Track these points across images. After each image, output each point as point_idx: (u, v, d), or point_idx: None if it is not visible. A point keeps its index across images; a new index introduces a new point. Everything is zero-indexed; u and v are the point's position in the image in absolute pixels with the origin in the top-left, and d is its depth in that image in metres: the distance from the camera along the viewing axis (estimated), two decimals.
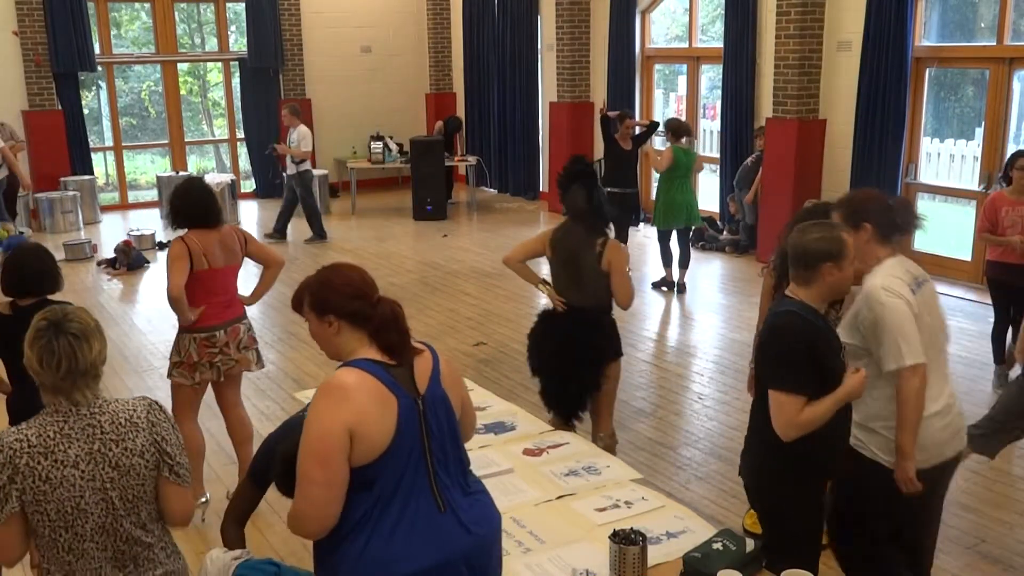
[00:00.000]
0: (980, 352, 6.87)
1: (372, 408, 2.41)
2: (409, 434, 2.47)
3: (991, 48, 8.49)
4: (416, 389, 2.52)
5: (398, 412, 2.45)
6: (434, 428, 2.52)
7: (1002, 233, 6.06)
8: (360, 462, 2.40)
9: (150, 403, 2.58)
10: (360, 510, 2.44)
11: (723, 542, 2.88)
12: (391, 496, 2.45)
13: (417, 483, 2.48)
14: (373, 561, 2.43)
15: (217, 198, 4.84)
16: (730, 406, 6.05)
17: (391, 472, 2.44)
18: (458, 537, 2.53)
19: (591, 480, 3.51)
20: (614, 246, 4.52)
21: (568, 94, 12.72)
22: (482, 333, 7.68)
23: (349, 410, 2.38)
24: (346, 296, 2.53)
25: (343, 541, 2.45)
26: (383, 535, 2.44)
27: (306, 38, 14.39)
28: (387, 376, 2.47)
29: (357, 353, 2.52)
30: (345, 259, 10.46)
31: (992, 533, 4.50)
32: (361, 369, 2.46)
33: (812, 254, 3.00)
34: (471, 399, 2.83)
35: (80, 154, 13.05)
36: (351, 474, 2.41)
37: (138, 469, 2.48)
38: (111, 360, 7.57)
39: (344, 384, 2.42)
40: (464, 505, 2.58)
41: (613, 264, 4.48)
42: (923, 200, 9.39)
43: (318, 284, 2.58)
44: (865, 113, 9.00)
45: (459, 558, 2.52)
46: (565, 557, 2.96)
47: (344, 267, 2.65)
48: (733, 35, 10.32)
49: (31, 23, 12.48)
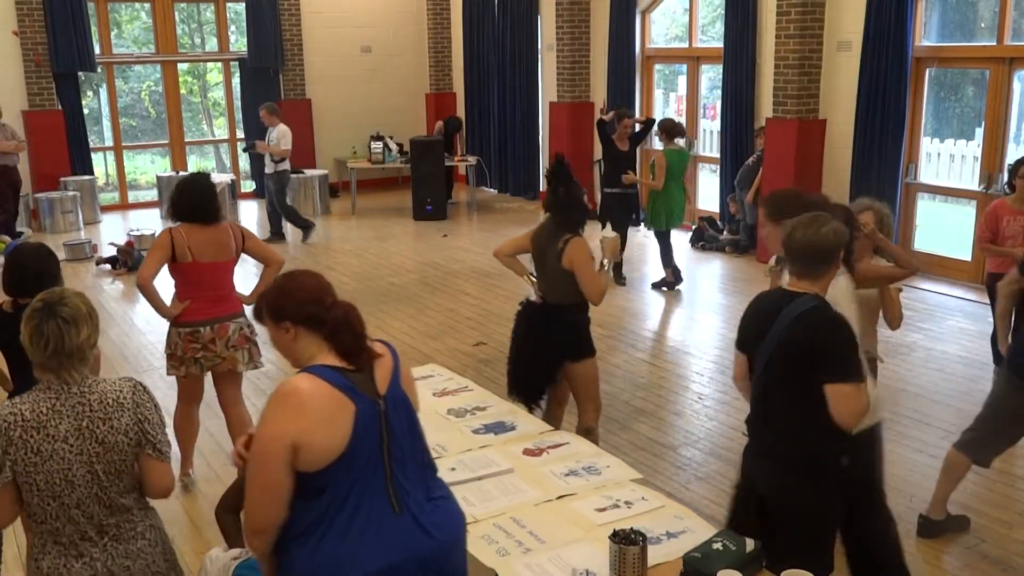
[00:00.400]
0: (980, 352, 6.88)
1: (324, 415, 2.42)
2: (367, 437, 2.47)
3: (991, 48, 8.49)
4: (377, 391, 2.53)
5: (355, 417, 2.45)
6: (395, 429, 2.54)
7: (1002, 243, 5.87)
8: (309, 469, 2.42)
9: (135, 384, 2.72)
10: (312, 514, 2.45)
11: (723, 542, 2.88)
12: (344, 499, 2.45)
13: (373, 485, 2.49)
14: (324, 563, 2.44)
15: (217, 196, 4.84)
16: (730, 406, 6.05)
17: (345, 476, 2.45)
18: (415, 540, 2.52)
19: (591, 480, 3.51)
20: (574, 244, 4.52)
21: (568, 94, 12.72)
22: (482, 333, 7.68)
23: (296, 421, 2.39)
24: (300, 301, 2.55)
25: (295, 544, 2.46)
26: (335, 538, 2.44)
27: (306, 38, 14.39)
28: (344, 381, 2.47)
29: (316, 359, 2.53)
30: (346, 259, 10.48)
31: (992, 533, 4.50)
32: (316, 375, 2.47)
33: (829, 248, 3.07)
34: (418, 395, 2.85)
35: (80, 154, 13.05)
36: (303, 479, 2.42)
37: (121, 446, 2.63)
38: (111, 360, 7.60)
39: (296, 390, 2.44)
40: (426, 508, 2.58)
41: (574, 262, 4.50)
42: (923, 200, 9.40)
43: (274, 292, 2.61)
44: (865, 113, 9.00)
45: (415, 562, 2.51)
46: (565, 557, 2.95)
47: (300, 274, 2.68)
48: (733, 35, 10.32)
49: (31, 23, 12.49)
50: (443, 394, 4.41)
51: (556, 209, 4.64)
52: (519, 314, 4.83)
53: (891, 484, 4.93)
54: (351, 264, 10.28)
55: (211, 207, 4.72)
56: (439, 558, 2.57)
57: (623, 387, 6.47)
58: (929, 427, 5.70)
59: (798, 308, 3.06)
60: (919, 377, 6.53)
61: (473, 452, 3.74)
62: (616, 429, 5.77)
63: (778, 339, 3.07)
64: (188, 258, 4.65)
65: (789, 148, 9.41)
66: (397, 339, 7.58)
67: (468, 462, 3.64)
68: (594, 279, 4.52)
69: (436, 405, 4.27)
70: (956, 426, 5.67)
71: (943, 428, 5.67)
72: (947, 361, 6.86)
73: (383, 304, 8.62)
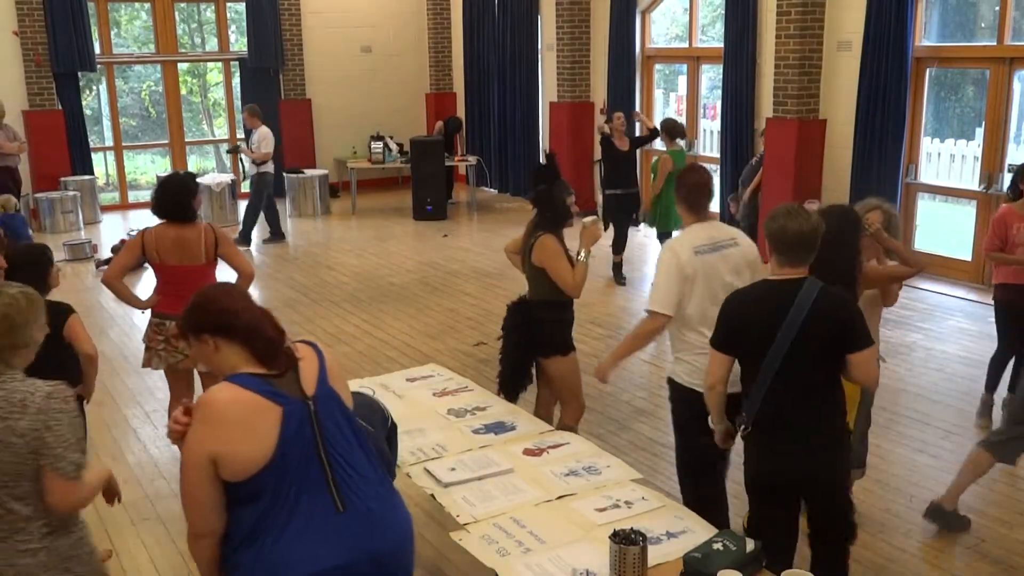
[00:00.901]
0: (980, 352, 6.87)
1: (245, 424, 2.44)
2: (298, 439, 2.49)
3: (991, 48, 8.49)
4: (303, 392, 2.54)
5: (282, 419, 2.47)
6: (328, 427, 2.56)
7: (1011, 251, 5.50)
8: (236, 479, 2.44)
9: (52, 392, 2.66)
10: (251, 520, 2.47)
11: (723, 542, 2.88)
12: (283, 502, 2.47)
13: (313, 486, 2.50)
14: (269, 567, 2.45)
15: (189, 196, 4.91)
16: None
17: (279, 480, 2.46)
18: (361, 536, 2.53)
19: (591, 480, 3.51)
20: (540, 241, 4.52)
21: (568, 94, 12.72)
22: (482, 333, 7.67)
23: (214, 435, 2.43)
24: (212, 312, 2.60)
25: (240, 549, 2.48)
26: (278, 541, 2.46)
27: (306, 38, 14.39)
28: (266, 387, 2.50)
29: (238, 369, 2.55)
30: (346, 259, 10.47)
31: (992, 533, 4.50)
32: (236, 383, 2.50)
33: (817, 236, 3.27)
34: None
35: (80, 154, 13.04)
36: (234, 488, 2.45)
37: (15, 448, 2.59)
38: (112, 360, 7.56)
39: (214, 401, 2.48)
40: (372, 505, 2.59)
41: (542, 259, 4.51)
42: (923, 200, 9.40)
43: (189, 309, 2.65)
44: (865, 113, 9.00)
45: (364, 558, 2.53)
46: (565, 557, 2.95)
47: (211, 288, 2.76)
48: (733, 35, 10.31)
49: (31, 23, 12.48)
50: (443, 394, 4.42)
51: (537, 206, 4.67)
52: (507, 310, 4.86)
53: (891, 484, 4.95)
54: (351, 264, 10.28)
55: (179, 206, 4.83)
56: (388, 554, 2.59)
57: (623, 387, 6.47)
58: (929, 427, 5.70)
59: (811, 292, 3.20)
60: (919, 377, 6.53)
61: (473, 452, 3.74)
62: (616, 429, 5.77)
63: (802, 324, 3.16)
64: (156, 259, 4.86)
65: (789, 148, 9.41)
66: (397, 339, 7.58)
67: (468, 462, 3.64)
68: (564, 273, 4.47)
69: (436, 405, 4.28)
70: (956, 426, 5.69)
71: (943, 428, 5.67)
72: (947, 361, 6.86)
73: (383, 304, 8.62)
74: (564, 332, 4.67)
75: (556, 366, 4.66)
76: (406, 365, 6.36)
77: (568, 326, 4.70)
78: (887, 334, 7.40)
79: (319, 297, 8.93)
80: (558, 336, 4.64)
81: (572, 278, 4.46)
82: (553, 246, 4.50)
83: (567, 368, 4.68)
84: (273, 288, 9.37)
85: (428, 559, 4.32)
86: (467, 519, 3.22)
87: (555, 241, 4.52)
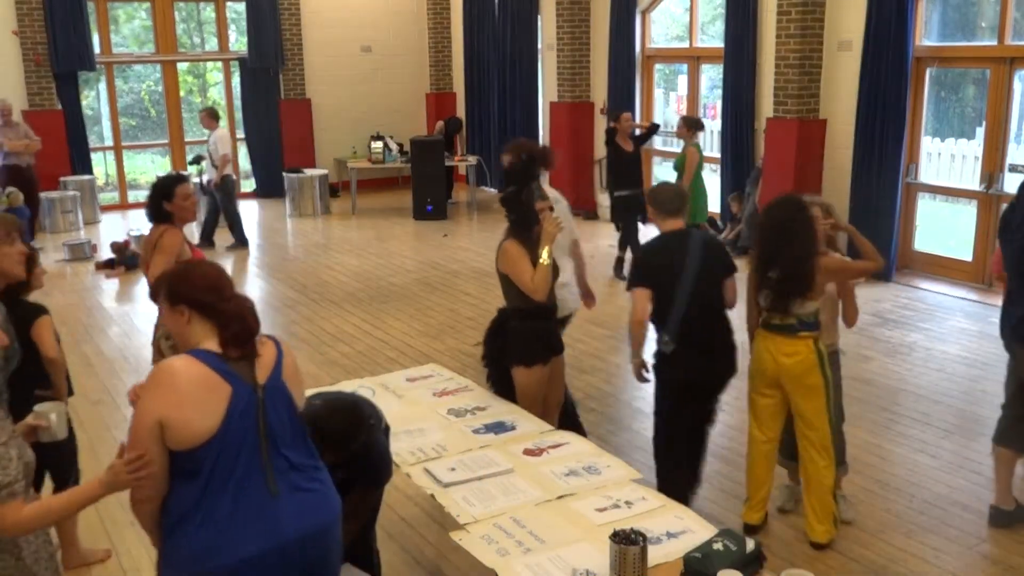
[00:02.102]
0: (980, 352, 6.88)
1: (196, 395, 2.49)
2: (242, 422, 2.54)
3: (992, 48, 8.49)
4: (255, 379, 2.60)
5: (230, 400, 2.53)
6: (272, 417, 2.61)
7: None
8: (180, 447, 2.49)
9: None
10: (189, 499, 2.51)
11: (723, 542, 2.88)
12: (221, 484, 2.52)
13: (250, 471, 2.55)
14: (202, 549, 2.51)
15: (150, 197, 4.87)
16: (731, 405, 6.03)
17: (218, 459, 2.51)
18: (290, 521, 2.59)
19: (591, 480, 3.50)
20: (502, 248, 4.39)
21: (568, 94, 12.72)
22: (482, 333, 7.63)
23: (165, 399, 2.48)
24: (200, 288, 2.62)
25: (175, 530, 2.54)
26: (212, 523, 2.51)
27: (306, 38, 14.39)
28: (222, 365, 2.56)
29: (202, 344, 2.60)
30: (346, 259, 10.47)
31: (992, 533, 4.49)
32: (195, 357, 2.56)
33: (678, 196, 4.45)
34: (304, 395, 2.88)
35: (80, 154, 13.05)
36: (176, 458, 2.50)
37: None
38: (112, 361, 7.56)
39: (170, 369, 2.53)
40: (303, 491, 2.64)
41: (504, 267, 4.39)
42: (923, 200, 9.39)
43: (175, 275, 2.69)
44: (865, 113, 8.99)
45: (292, 542, 2.59)
46: (565, 557, 2.95)
47: (203, 263, 2.81)
48: (733, 35, 10.31)
49: (31, 23, 12.49)
50: (443, 394, 4.41)
51: (504, 207, 4.51)
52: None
53: (892, 484, 4.95)
54: (351, 264, 10.27)
55: (152, 208, 4.78)
56: (314, 537, 2.65)
57: (623, 387, 6.46)
58: (929, 427, 5.69)
59: (699, 235, 4.40)
60: (919, 377, 6.53)
61: (473, 452, 3.74)
62: (616, 429, 5.77)
63: (701, 260, 4.22)
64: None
65: (789, 148, 9.41)
66: (397, 339, 7.58)
67: (468, 462, 3.64)
68: (523, 276, 4.29)
69: (436, 405, 4.27)
70: (956, 426, 5.68)
71: (943, 428, 5.66)
72: (947, 361, 6.85)
73: (383, 304, 8.62)
74: (530, 343, 4.40)
75: (517, 376, 4.40)
76: (406, 365, 6.36)
77: (539, 337, 4.43)
78: (887, 334, 7.41)
79: (319, 297, 8.93)
80: (523, 346, 4.39)
81: (531, 281, 4.26)
82: (514, 251, 4.32)
83: (526, 381, 4.39)
84: (273, 287, 9.37)
85: (428, 559, 4.32)
86: (467, 519, 3.22)
87: (517, 246, 4.32)
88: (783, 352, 4.18)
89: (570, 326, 5.39)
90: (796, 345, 4.16)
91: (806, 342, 4.15)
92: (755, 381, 4.37)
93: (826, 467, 4.23)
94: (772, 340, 4.22)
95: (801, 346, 4.15)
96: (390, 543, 4.35)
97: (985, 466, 5.00)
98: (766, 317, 4.25)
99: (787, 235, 4.06)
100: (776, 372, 4.23)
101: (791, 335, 4.16)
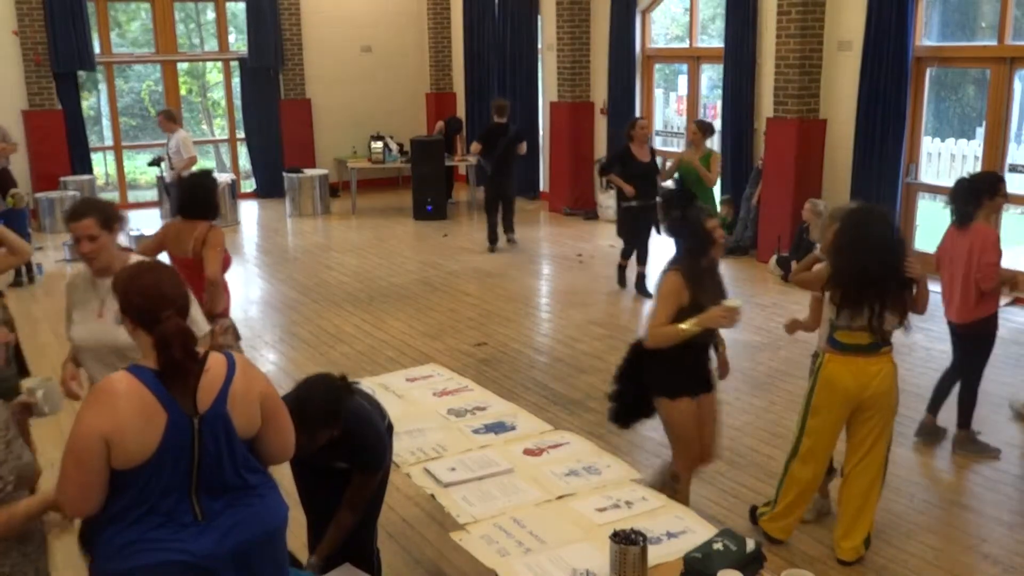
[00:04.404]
0: None
1: (133, 421, 2.42)
2: (175, 450, 2.47)
3: (992, 48, 8.48)
4: (195, 407, 2.51)
5: (165, 428, 2.45)
6: (210, 447, 2.52)
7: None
8: (117, 467, 2.44)
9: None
10: (118, 505, 2.48)
11: (723, 542, 2.88)
12: (144, 500, 2.47)
13: (179, 498, 2.50)
14: (122, 546, 2.47)
15: (194, 195, 5.19)
16: (731, 406, 6.03)
17: (147, 480, 2.46)
18: (216, 544, 2.53)
19: (591, 480, 3.51)
20: (665, 276, 4.13)
21: (568, 94, 12.72)
22: (482, 333, 7.67)
23: (107, 419, 2.41)
24: (134, 302, 2.56)
25: (103, 530, 2.50)
26: (133, 525, 2.47)
27: (306, 38, 14.39)
28: (162, 390, 2.47)
29: (146, 358, 2.54)
30: (346, 259, 10.46)
31: (992, 533, 4.49)
32: (136, 377, 2.48)
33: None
34: (288, 420, 2.76)
35: (80, 154, 13.03)
36: (113, 473, 2.45)
37: None
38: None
39: (111, 390, 2.46)
40: (236, 510, 2.58)
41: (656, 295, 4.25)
42: (923, 200, 9.39)
43: (120, 280, 2.62)
44: (865, 113, 8.99)
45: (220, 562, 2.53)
46: (565, 557, 2.95)
47: (147, 272, 2.64)
48: (733, 35, 10.30)
49: (31, 23, 12.47)
50: (443, 394, 4.41)
51: (671, 236, 4.36)
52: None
53: (891, 484, 4.94)
54: (351, 264, 10.27)
55: (182, 203, 5.20)
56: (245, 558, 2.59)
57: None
58: None
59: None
60: (919, 377, 6.52)
61: (473, 452, 3.74)
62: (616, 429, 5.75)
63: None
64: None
65: (789, 148, 9.41)
66: (397, 339, 7.57)
67: (468, 462, 3.64)
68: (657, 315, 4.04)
69: (436, 405, 4.27)
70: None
71: (943, 428, 5.65)
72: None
73: (383, 304, 8.61)
74: (667, 373, 4.13)
75: (660, 408, 4.22)
76: (406, 365, 6.36)
77: (675, 369, 4.13)
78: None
79: (319, 297, 8.92)
80: (661, 375, 4.15)
81: (657, 327, 3.98)
82: (672, 284, 3.99)
83: (668, 412, 4.19)
84: (274, 288, 9.36)
85: (428, 559, 4.31)
86: (467, 519, 3.22)
87: (678, 279, 3.99)
88: (867, 373, 4.05)
89: (570, 326, 5.38)
90: (881, 363, 4.08)
91: (889, 357, 4.11)
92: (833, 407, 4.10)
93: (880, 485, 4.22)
94: (852, 362, 4.04)
95: (886, 362, 4.10)
96: (390, 543, 4.35)
97: (985, 466, 5.01)
98: (844, 336, 4.04)
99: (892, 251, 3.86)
100: (858, 394, 4.06)
101: (873, 354, 4.06)
